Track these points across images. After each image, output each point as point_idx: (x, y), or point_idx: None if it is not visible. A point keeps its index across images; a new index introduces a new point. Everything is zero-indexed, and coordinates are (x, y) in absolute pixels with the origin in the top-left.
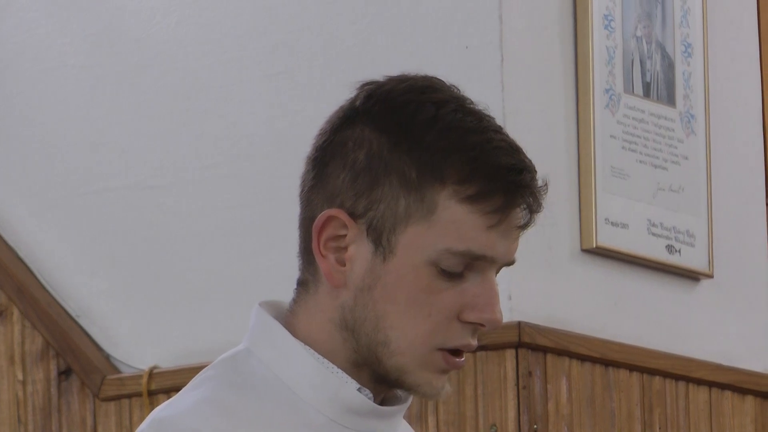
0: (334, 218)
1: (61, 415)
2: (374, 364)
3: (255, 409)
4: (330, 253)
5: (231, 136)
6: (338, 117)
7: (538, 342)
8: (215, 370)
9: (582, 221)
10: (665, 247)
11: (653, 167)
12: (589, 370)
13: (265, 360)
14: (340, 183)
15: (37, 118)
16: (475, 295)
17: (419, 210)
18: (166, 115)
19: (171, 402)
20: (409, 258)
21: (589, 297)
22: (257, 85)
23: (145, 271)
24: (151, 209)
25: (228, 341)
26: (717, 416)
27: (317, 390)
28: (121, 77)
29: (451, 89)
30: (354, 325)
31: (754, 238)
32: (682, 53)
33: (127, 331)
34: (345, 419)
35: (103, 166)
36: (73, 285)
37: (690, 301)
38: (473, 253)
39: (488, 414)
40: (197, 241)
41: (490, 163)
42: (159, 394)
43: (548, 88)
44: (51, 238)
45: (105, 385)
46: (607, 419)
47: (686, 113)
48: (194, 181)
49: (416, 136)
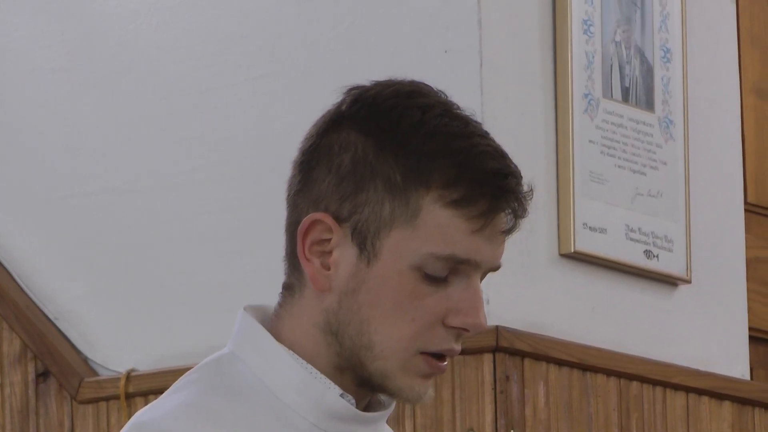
0: (319, 222)
1: (38, 417)
2: (358, 367)
3: (238, 413)
4: (315, 257)
5: (211, 140)
6: (324, 121)
7: (515, 346)
8: (198, 373)
9: (560, 226)
10: (643, 252)
11: (632, 172)
12: (566, 375)
13: (249, 364)
14: (326, 187)
15: (16, 121)
16: (459, 299)
17: (404, 214)
18: (146, 119)
19: (153, 405)
20: (394, 262)
21: (566, 302)
22: (237, 89)
23: (123, 275)
24: (131, 213)
25: (206, 345)
26: (694, 422)
27: (300, 395)
28: (101, 81)
29: (438, 94)
30: (338, 328)
31: (732, 243)
32: (661, 58)
33: (106, 334)
34: (328, 425)
35: (82, 169)
36: (51, 288)
37: (668, 307)
38: (457, 258)
39: (465, 418)
40: (176, 245)
41: (476, 168)
42: (137, 397)
43: (527, 93)
44: (30, 242)
45: (83, 387)
46: (584, 424)
47: (665, 118)
48: (174, 185)
49: (402, 141)
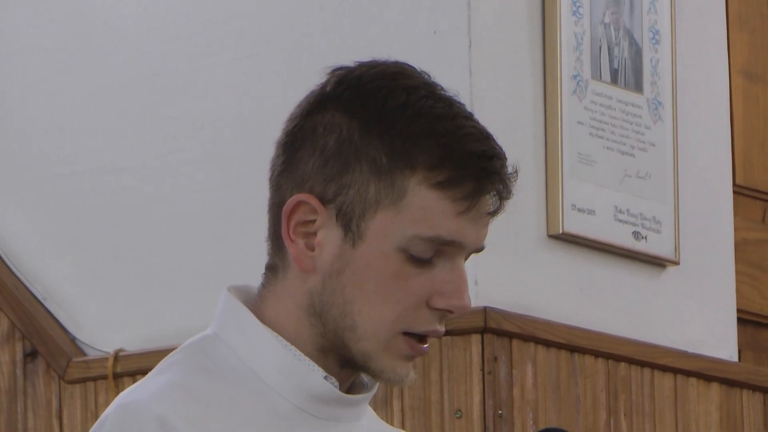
0: (304, 203)
1: (26, 397)
2: (341, 349)
3: (221, 394)
4: (299, 238)
5: (197, 120)
6: (308, 102)
7: (503, 327)
8: (182, 354)
9: (548, 207)
10: (632, 233)
11: (620, 154)
12: (554, 356)
13: (232, 345)
14: (310, 168)
15: (3, 101)
16: (444, 281)
17: (389, 196)
18: (132, 99)
19: (137, 386)
20: (379, 244)
21: (555, 283)
22: (224, 70)
23: (111, 255)
24: (118, 193)
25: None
26: (682, 403)
27: (284, 377)
28: (87, 61)
29: (422, 75)
30: (322, 310)
31: (720, 225)
32: (650, 40)
33: (93, 314)
34: (310, 406)
35: (70, 149)
36: (39, 268)
37: (656, 288)
38: (442, 239)
39: (453, 399)
40: (164, 225)
41: (461, 150)
42: (124, 377)
43: (516, 74)
44: (18, 222)
45: (70, 367)
46: (572, 405)
47: (653, 100)
48: (161, 165)
49: (387, 122)
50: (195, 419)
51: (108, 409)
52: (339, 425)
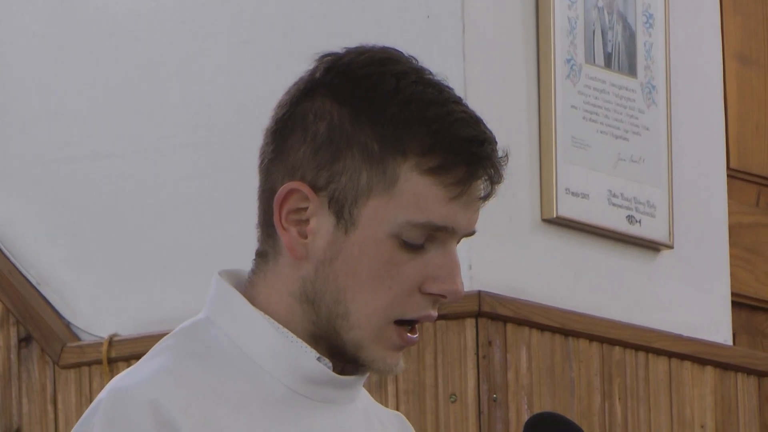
0: (296, 191)
1: (20, 382)
2: (332, 336)
3: (214, 378)
4: (291, 225)
5: (191, 106)
6: (298, 89)
7: (498, 312)
8: (175, 339)
9: (542, 191)
10: (626, 217)
11: (614, 138)
12: (548, 340)
13: (224, 329)
14: (301, 155)
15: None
16: (436, 266)
17: (381, 182)
18: (126, 85)
19: (130, 371)
20: (372, 230)
21: (549, 267)
22: (217, 56)
23: (105, 240)
24: (112, 178)
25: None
26: (676, 386)
27: (277, 359)
28: (82, 46)
29: (410, 61)
30: (314, 297)
31: (714, 209)
32: (644, 24)
33: (88, 299)
34: (304, 388)
35: (63, 135)
36: (34, 253)
37: (650, 272)
38: (435, 225)
39: (448, 383)
40: (157, 210)
41: (452, 136)
42: (119, 362)
43: (510, 58)
44: (12, 207)
45: (65, 352)
46: (566, 389)
47: (647, 84)
48: (154, 150)
49: (378, 109)
50: (187, 403)
51: (101, 394)
52: (333, 407)
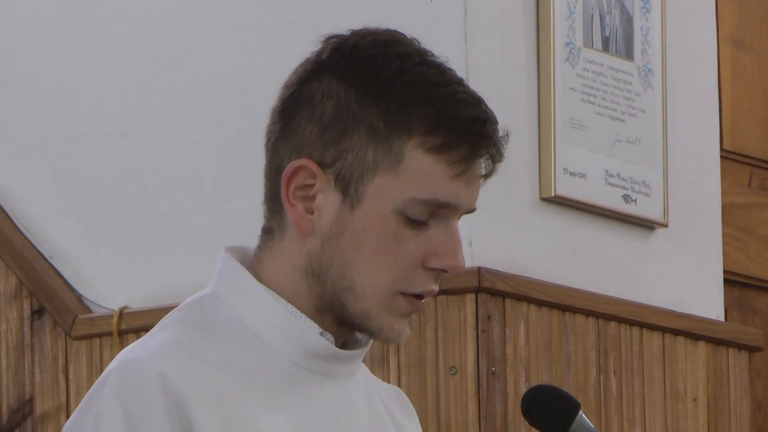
0: (303, 168)
1: (33, 353)
2: (339, 309)
3: (220, 351)
4: (298, 201)
5: (199, 86)
6: (305, 70)
7: (497, 287)
8: (182, 313)
9: (541, 171)
10: (622, 197)
11: (611, 119)
12: (546, 315)
13: (230, 304)
14: (308, 134)
15: (12, 67)
16: (439, 242)
17: (386, 160)
18: (136, 66)
19: (138, 344)
20: (377, 207)
21: (547, 244)
22: (224, 38)
23: (116, 216)
24: (123, 156)
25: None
26: (670, 361)
27: (280, 333)
28: (92, 29)
29: (413, 43)
30: (320, 271)
31: (707, 189)
32: (641, 9)
33: (99, 273)
34: (307, 362)
35: (76, 114)
36: (47, 228)
37: (645, 250)
38: (438, 202)
39: (448, 356)
40: (166, 187)
41: (455, 115)
42: (128, 334)
43: (510, 42)
44: (26, 183)
45: (76, 324)
46: (563, 363)
47: (644, 67)
48: (163, 129)
49: (383, 89)
50: (194, 375)
51: (110, 366)
52: (335, 380)
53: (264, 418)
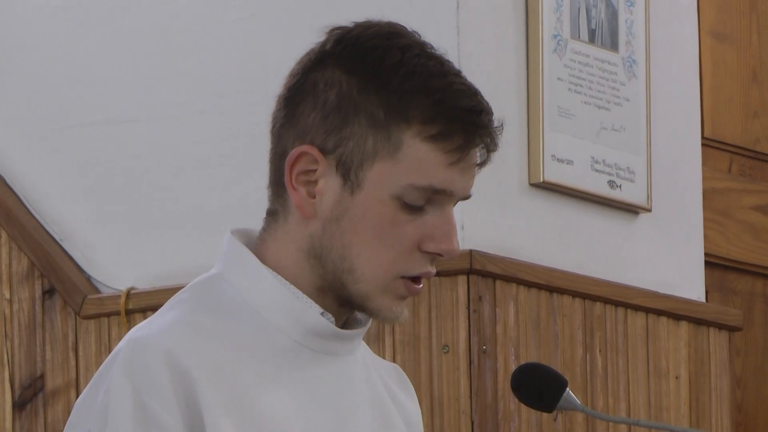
0: (306, 154)
1: (44, 331)
2: (339, 289)
3: (226, 330)
4: (301, 186)
5: (205, 74)
6: (309, 59)
7: (488, 269)
8: (189, 293)
9: (530, 157)
10: (607, 182)
11: (597, 108)
12: (535, 296)
13: (235, 284)
14: (311, 121)
15: (25, 56)
16: (434, 227)
17: (385, 147)
18: (145, 55)
19: (147, 322)
20: (375, 192)
21: (536, 228)
22: (229, 28)
23: (124, 200)
24: (131, 142)
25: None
26: (653, 340)
27: (283, 313)
28: (104, 19)
29: (414, 35)
30: (321, 253)
31: (689, 175)
32: (625, 2)
33: (107, 255)
34: (308, 341)
35: (86, 101)
36: (57, 211)
37: (629, 233)
38: (434, 188)
39: (441, 335)
40: (172, 172)
41: (452, 106)
42: (135, 313)
43: (501, 33)
44: (38, 168)
45: (86, 304)
46: (551, 341)
47: (628, 58)
48: (171, 116)
49: (384, 79)
50: (200, 352)
51: (120, 344)
52: (335, 358)
53: (266, 393)
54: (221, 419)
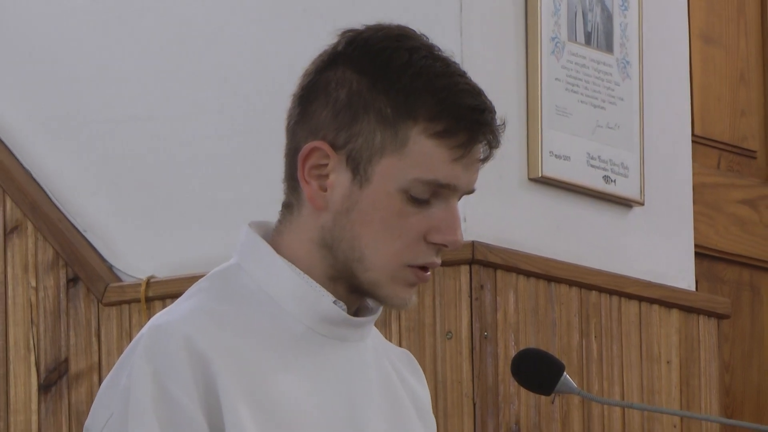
0: (318, 149)
1: (68, 318)
2: (350, 278)
3: (242, 317)
4: (313, 179)
5: (220, 73)
6: (322, 60)
7: (489, 259)
8: (208, 282)
9: (529, 154)
10: (602, 177)
11: (593, 107)
12: (533, 285)
13: (252, 274)
14: (323, 118)
15: (50, 56)
16: (439, 219)
17: (393, 143)
18: (163, 55)
19: (168, 310)
20: (383, 185)
21: (534, 220)
22: (243, 29)
23: (144, 192)
24: (150, 137)
25: (215, 254)
26: (646, 327)
27: (297, 301)
28: (124, 20)
29: (422, 38)
30: (332, 243)
31: (680, 170)
32: (620, 6)
33: (128, 245)
34: (321, 328)
35: (108, 99)
36: (80, 203)
37: (623, 226)
38: (439, 183)
39: (444, 322)
40: (190, 166)
41: (457, 104)
42: (155, 301)
43: (502, 36)
44: (62, 162)
45: (108, 292)
46: (549, 328)
47: (622, 59)
48: (188, 113)
49: (392, 79)
50: (217, 338)
51: (142, 330)
52: (347, 344)
53: (281, 377)
54: (237, 402)
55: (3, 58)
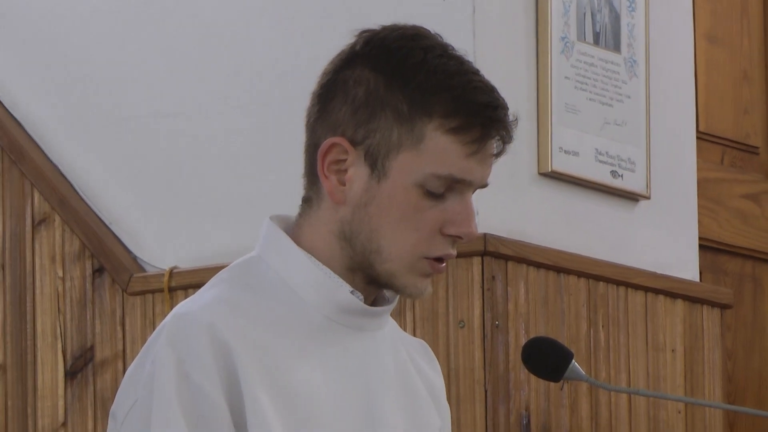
0: (337, 145)
1: (94, 307)
2: (368, 269)
3: (263, 306)
4: (332, 174)
5: (241, 72)
6: (340, 59)
7: (501, 251)
8: (230, 272)
9: (539, 149)
10: (610, 172)
11: (601, 104)
12: (543, 276)
13: (272, 265)
14: (342, 115)
15: (78, 57)
16: (454, 212)
17: (409, 139)
18: (185, 55)
19: (190, 299)
20: (400, 180)
21: (544, 214)
22: (263, 30)
23: (167, 186)
24: (174, 134)
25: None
26: (652, 317)
27: (316, 292)
28: (149, 21)
29: (436, 37)
30: (351, 235)
31: (685, 166)
32: (627, 7)
33: (152, 237)
34: (339, 317)
35: (133, 97)
36: (106, 197)
37: (630, 219)
38: (454, 177)
39: (457, 312)
40: (212, 162)
41: (471, 101)
42: (177, 290)
43: (513, 36)
44: (89, 158)
45: (132, 282)
46: (558, 318)
47: (629, 59)
48: (209, 110)
49: (408, 77)
50: (239, 328)
51: (165, 319)
52: (364, 333)
53: (299, 365)
54: (258, 390)
55: (32, 56)
